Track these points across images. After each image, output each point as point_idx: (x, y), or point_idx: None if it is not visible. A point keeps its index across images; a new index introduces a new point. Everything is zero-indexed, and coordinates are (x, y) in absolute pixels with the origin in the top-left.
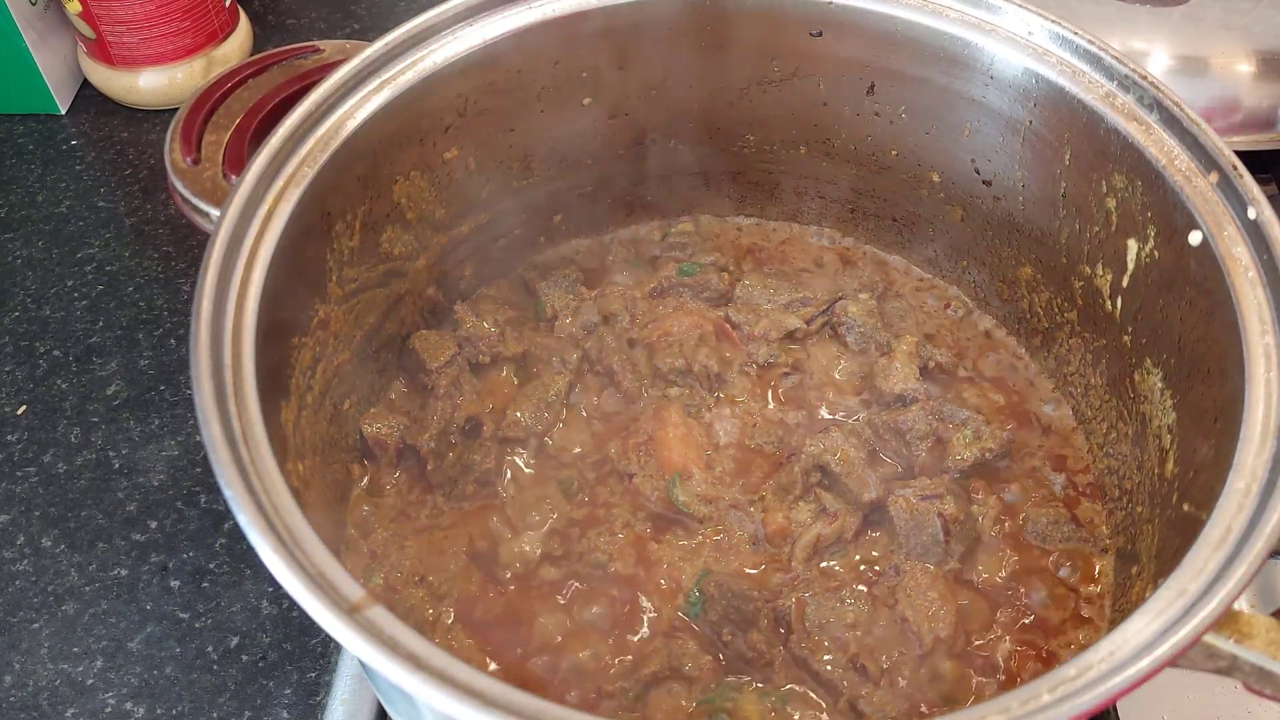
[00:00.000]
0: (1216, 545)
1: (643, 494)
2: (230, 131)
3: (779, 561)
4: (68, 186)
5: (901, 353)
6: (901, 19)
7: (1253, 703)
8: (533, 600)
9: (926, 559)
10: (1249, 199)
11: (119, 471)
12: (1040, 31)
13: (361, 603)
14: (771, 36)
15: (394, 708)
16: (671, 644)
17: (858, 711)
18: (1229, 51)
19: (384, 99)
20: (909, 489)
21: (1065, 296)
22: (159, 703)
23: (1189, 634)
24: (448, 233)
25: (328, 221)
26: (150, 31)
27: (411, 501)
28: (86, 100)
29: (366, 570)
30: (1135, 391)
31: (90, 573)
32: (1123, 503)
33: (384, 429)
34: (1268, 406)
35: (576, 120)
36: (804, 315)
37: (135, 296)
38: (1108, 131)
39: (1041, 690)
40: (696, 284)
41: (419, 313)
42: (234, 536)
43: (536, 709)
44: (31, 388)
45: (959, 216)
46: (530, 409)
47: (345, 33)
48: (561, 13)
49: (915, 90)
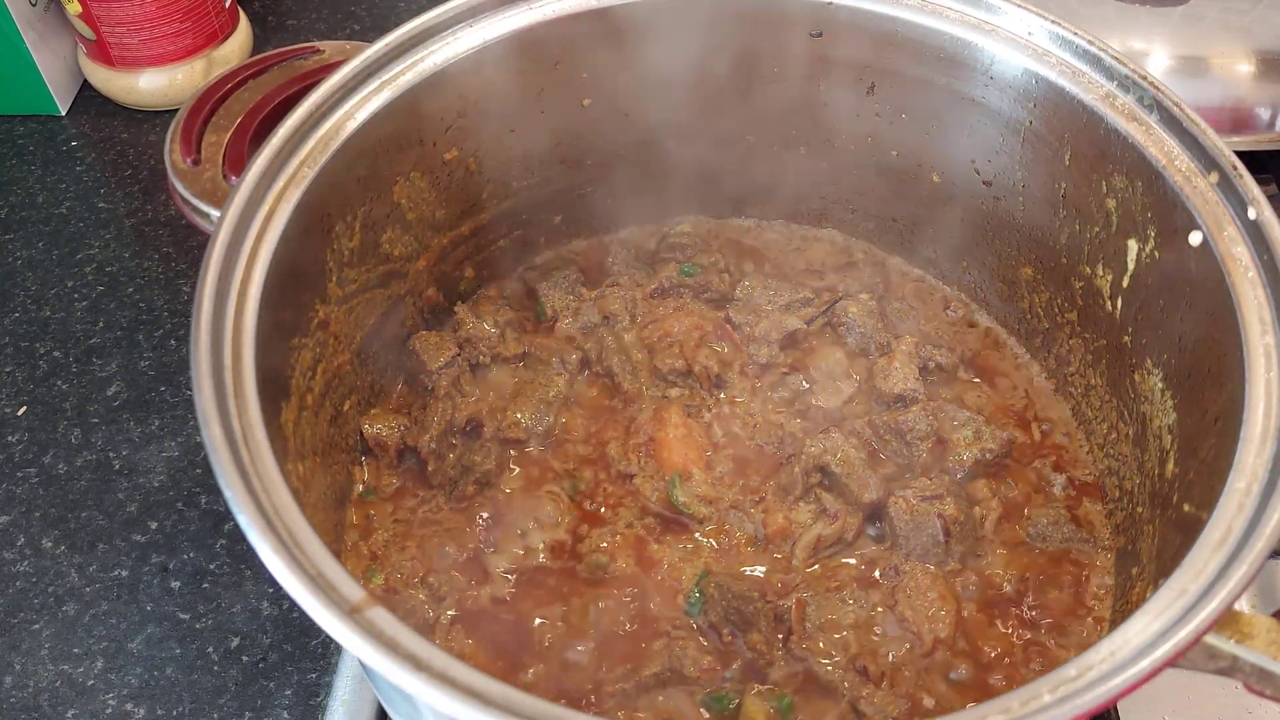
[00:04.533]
0: (1217, 545)
1: (643, 494)
2: (230, 132)
3: (779, 562)
4: (68, 187)
5: (901, 353)
6: (901, 19)
7: (1253, 703)
8: (533, 601)
9: (927, 559)
10: (1249, 199)
11: (119, 472)
12: (1040, 32)
13: (362, 603)
14: (771, 36)
15: (394, 708)
16: (672, 645)
17: (858, 712)
18: (1229, 51)
19: (384, 100)
20: (909, 489)
21: (1065, 297)
22: (159, 703)
23: (1189, 634)
24: (448, 233)
25: (328, 222)
26: (150, 32)
27: (412, 502)
28: (86, 101)
29: (367, 571)
30: (1135, 392)
31: (91, 574)
32: (1123, 503)
33: (384, 430)
34: (1268, 406)
35: (576, 120)
36: (804, 316)
37: (135, 297)
38: (1108, 132)
39: (1042, 690)
40: (697, 284)
41: (419, 313)
42: (234, 537)
43: (536, 709)
44: (32, 388)
45: (959, 217)
46: (530, 410)
47: (345, 33)
48: (561, 13)
49: (915, 91)
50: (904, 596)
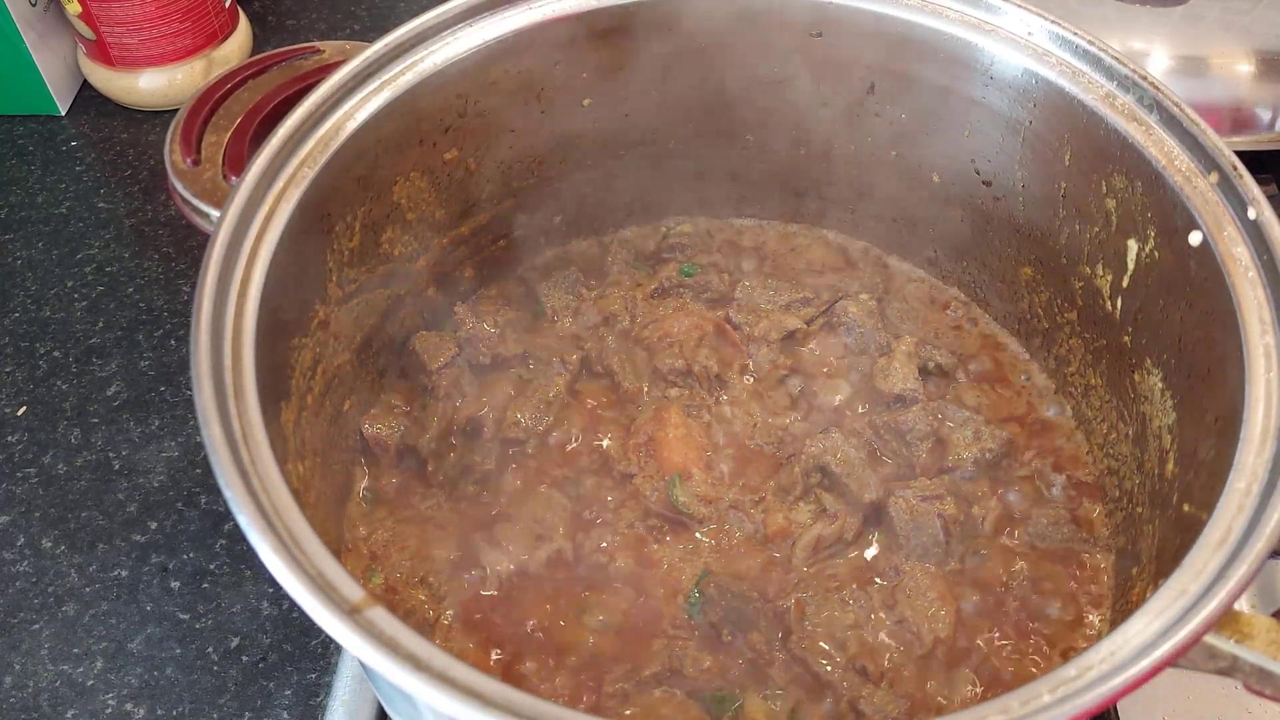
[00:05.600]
0: (1217, 545)
1: (643, 494)
2: (230, 132)
3: (779, 562)
4: (68, 187)
5: (901, 353)
6: (901, 19)
7: (1253, 703)
8: (533, 601)
9: (926, 559)
10: (1249, 199)
11: (119, 472)
12: (1040, 32)
13: (362, 603)
14: (771, 36)
15: (394, 708)
16: (672, 645)
17: (858, 712)
18: (1229, 51)
19: (384, 100)
20: (909, 490)
21: (1065, 297)
22: (159, 704)
23: (1189, 634)
24: (448, 233)
25: (328, 222)
26: (150, 32)
27: (412, 502)
28: (86, 101)
29: (367, 571)
30: (1135, 392)
31: (90, 574)
32: (1123, 503)
33: (384, 430)
34: (1268, 406)
35: (576, 120)
36: (804, 316)
37: (135, 297)
38: (1108, 132)
39: (1042, 690)
40: (697, 284)
41: (419, 314)
42: (234, 537)
43: (536, 709)
44: (31, 389)
45: (959, 217)
46: (530, 410)
47: (345, 33)
48: (561, 13)
49: (915, 91)
50: (904, 596)
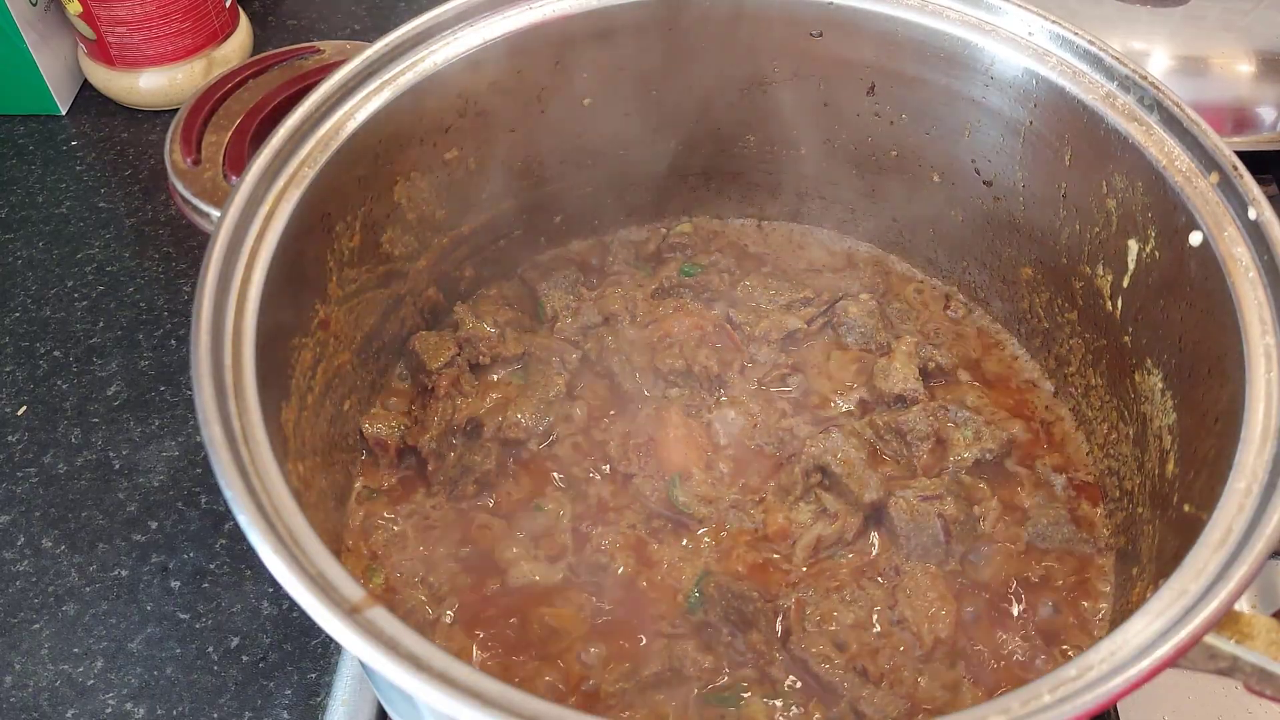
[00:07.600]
0: (1217, 546)
1: (643, 494)
2: (230, 132)
3: (779, 562)
4: (68, 187)
5: (901, 353)
6: (901, 19)
7: (1253, 703)
8: (532, 601)
9: (927, 560)
10: (1249, 199)
11: (119, 472)
12: (1040, 32)
13: (362, 603)
14: (771, 36)
15: (394, 708)
16: (672, 645)
17: (858, 712)
18: (1229, 51)
19: (384, 100)
20: (909, 489)
21: (1065, 297)
22: (159, 703)
23: (1190, 635)
24: (448, 233)
25: (328, 222)
26: (151, 32)
27: (412, 502)
28: (87, 101)
29: (367, 571)
30: (1136, 392)
31: (90, 573)
32: (1123, 503)
33: (384, 429)
34: (1268, 407)
35: (576, 120)
36: (805, 316)
37: (135, 297)
38: (1108, 132)
39: (1042, 690)
40: (697, 284)
41: (419, 313)
42: (234, 537)
43: (536, 709)
44: (32, 388)
45: (959, 217)
46: (530, 410)
47: (345, 33)
48: (561, 13)
49: (915, 90)
50: (904, 596)
